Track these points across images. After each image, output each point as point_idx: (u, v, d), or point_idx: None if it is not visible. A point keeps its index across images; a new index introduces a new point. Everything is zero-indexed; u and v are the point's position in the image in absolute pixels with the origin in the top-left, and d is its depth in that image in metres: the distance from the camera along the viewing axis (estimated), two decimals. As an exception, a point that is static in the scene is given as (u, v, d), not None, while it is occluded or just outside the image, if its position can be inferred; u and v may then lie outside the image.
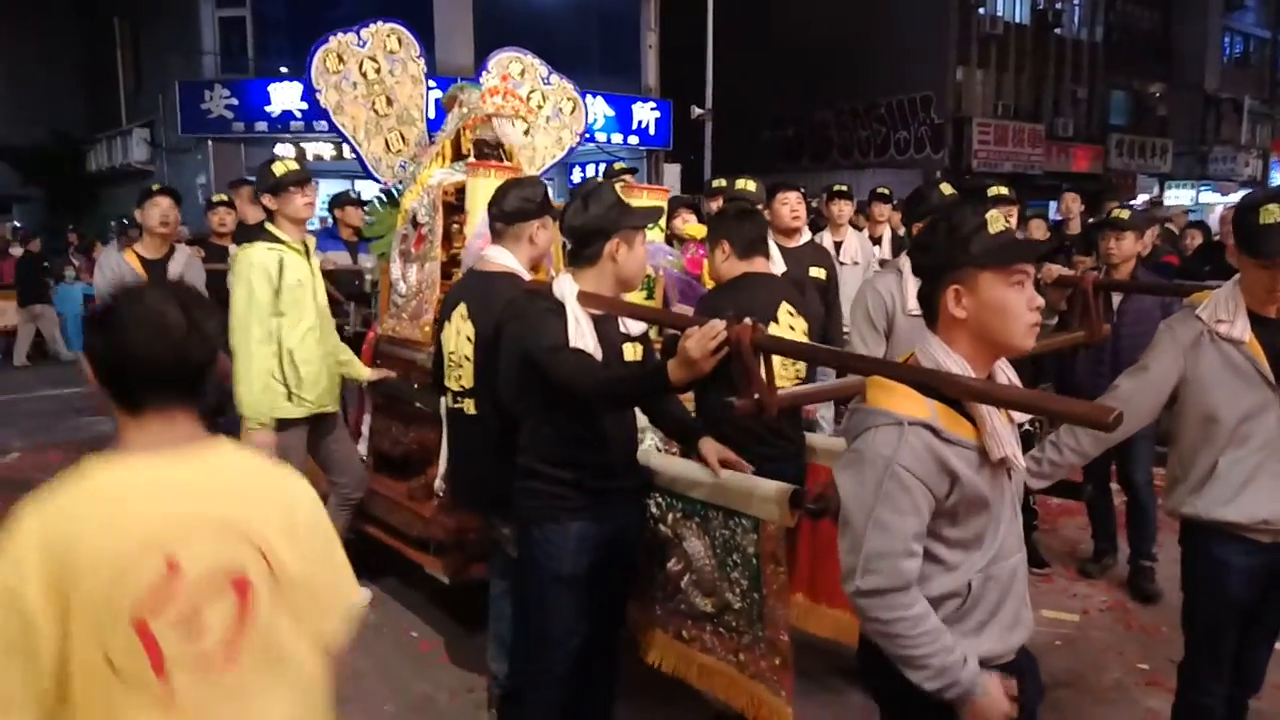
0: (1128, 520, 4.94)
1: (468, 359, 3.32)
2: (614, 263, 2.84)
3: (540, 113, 5.08)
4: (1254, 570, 2.82)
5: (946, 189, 3.86)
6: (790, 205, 5.14)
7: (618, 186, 2.93)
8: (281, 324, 4.08)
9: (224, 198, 7.12)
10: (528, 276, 3.37)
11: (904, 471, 1.87)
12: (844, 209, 6.72)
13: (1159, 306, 4.31)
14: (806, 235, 5.29)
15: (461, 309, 3.35)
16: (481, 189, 4.08)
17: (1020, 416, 2.07)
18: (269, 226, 4.17)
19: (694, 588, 3.13)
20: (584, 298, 2.82)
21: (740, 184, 4.55)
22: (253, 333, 4.02)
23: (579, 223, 2.85)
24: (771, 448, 3.31)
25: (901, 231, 7.15)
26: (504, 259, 3.35)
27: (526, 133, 4.89)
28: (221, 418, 6.92)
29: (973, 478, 1.91)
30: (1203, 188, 33.22)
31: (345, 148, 4.84)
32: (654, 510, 3.21)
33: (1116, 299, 4.58)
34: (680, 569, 3.15)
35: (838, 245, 6.55)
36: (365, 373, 4.52)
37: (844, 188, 6.95)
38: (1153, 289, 4.55)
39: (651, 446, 3.79)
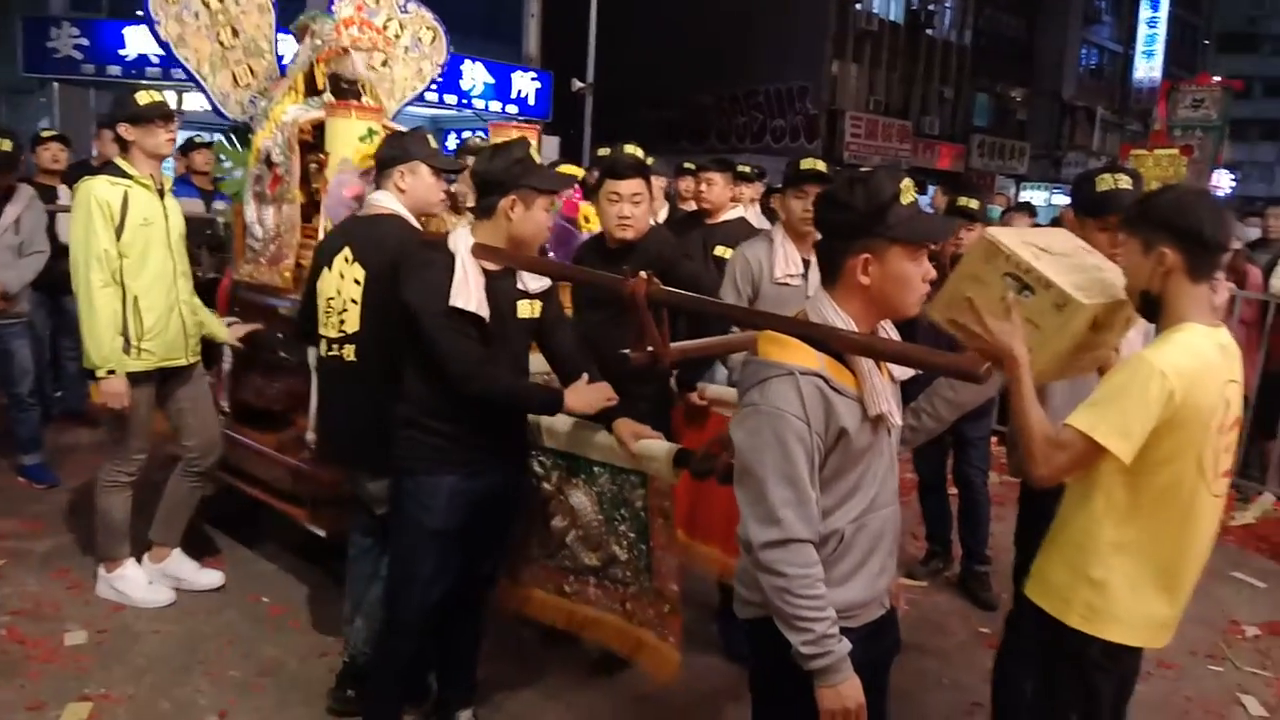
0: (961, 520, 4.90)
1: (354, 302, 3.20)
2: (508, 220, 2.79)
3: (398, 43, 4.85)
4: None
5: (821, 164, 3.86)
6: (700, 183, 5.04)
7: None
8: (124, 266, 3.83)
9: (54, 131, 6.68)
10: (415, 222, 3.31)
11: (798, 421, 1.89)
12: (744, 190, 6.73)
13: None
14: (735, 213, 5.20)
15: (345, 253, 3.23)
16: (341, 130, 3.94)
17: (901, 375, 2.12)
18: (118, 160, 3.91)
19: (580, 543, 3.13)
20: (481, 251, 2.78)
21: (629, 149, 4.51)
22: (93, 276, 3.77)
23: (480, 170, 2.84)
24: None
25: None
26: (388, 202, 3.29)
27: (385, 64, 4.69)
28: (59, 390, 6.61)
29: (856, 428, 1.96)
30: (1055, 190, 34.77)
31: (189, 97, 4.51)
32: (537, 469, 3.18)
33: None
34: (565, 525, 3.14)
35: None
36: (225, 334, 4.27)
37: (746, 169, 6.98)
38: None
39: None
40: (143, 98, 3.88)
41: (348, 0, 4.44)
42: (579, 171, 5.17)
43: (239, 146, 4.60)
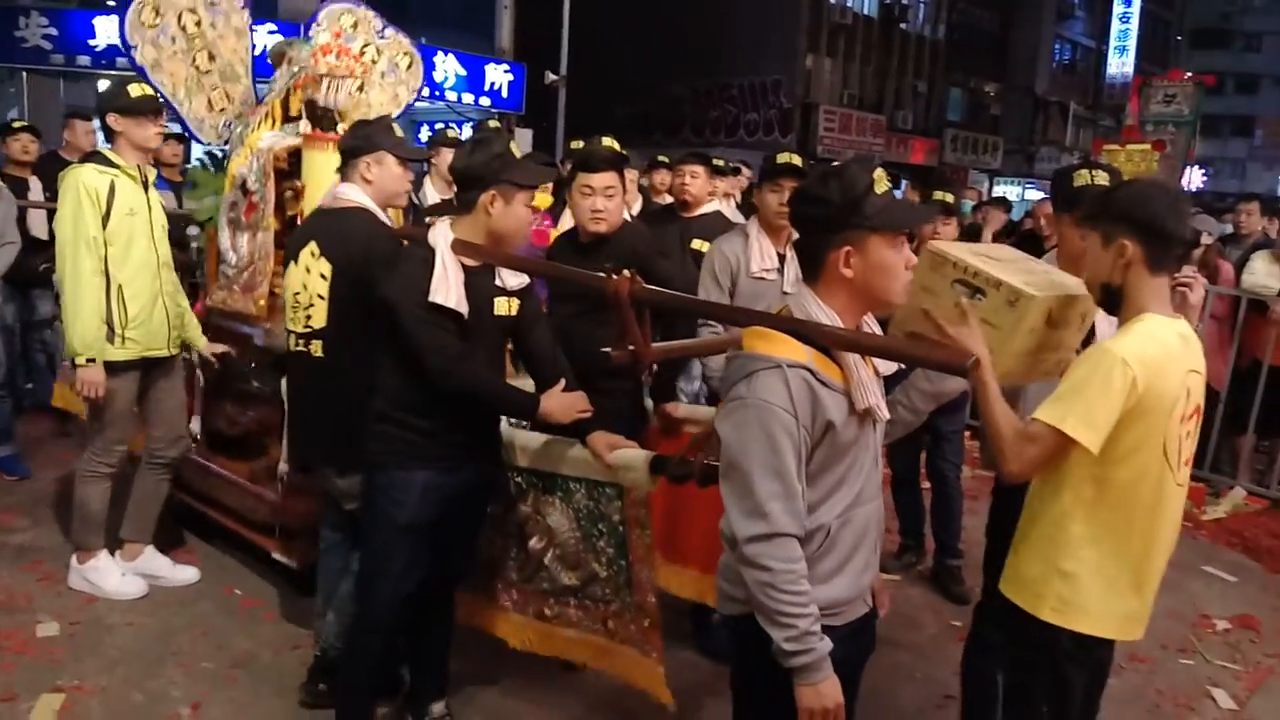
0: (933, 514, 4.92)
1: (320, 297, 3.17)
2: (487, 215, 2.77)
3: (375, 69, 4.82)
4: None
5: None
6: (683, 178, 4.97)
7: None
8: (109, 255, 3.81)
9: (24, 122, 6.60)
10: (382, 214, 3.28)
11: (785, 414, 1.88)
12: (718, 184, 6.72)
13: None
14: (711, 207, 5.10)
15: (312, 247, 3.19)
16: (318, 163, 3.93)
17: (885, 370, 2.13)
18: (104, 150, 3.92)
19: (558, 563, 3.12)
20: (461, 246, 2.76)
21: (607, 142, 4.48)
22: (82, 262, 3.75)
23: (460, 166, 2.81)
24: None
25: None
26: (354, 195, 3.25)
27: (361, 89, 4.66)
28: (30, 383, 6.54)
29: (843, 422, 1.95)
30: (1029, 185, 35.03)
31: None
32: (512, 490, 3.17)
33: None
34: (543, 546, 3.13)
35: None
36: (203, 342, 4.24)
37: (720, 162, 6.97)
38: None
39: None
40: (135, 90, 3.87)
41: (325, 27, 4.39)
42: (545, 200, 5.13)
43: (214, 171, 4.57)
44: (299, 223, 4.04)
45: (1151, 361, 2.13)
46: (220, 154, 4.62)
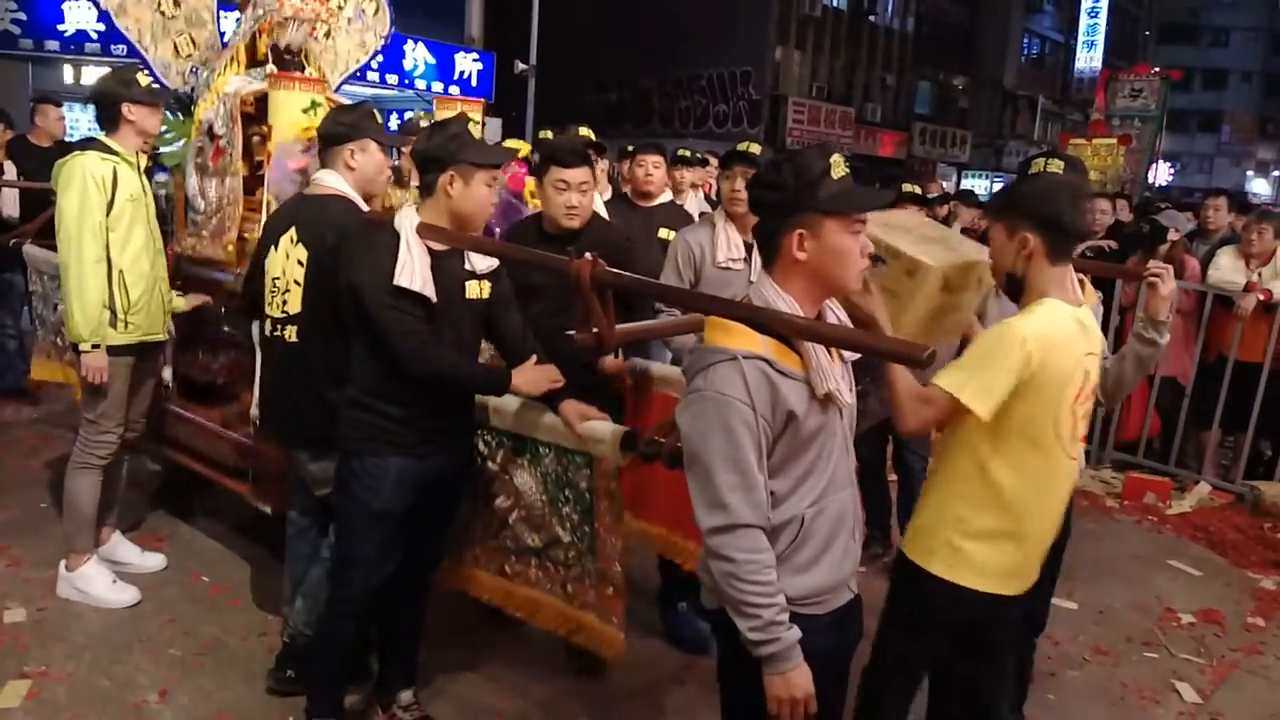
0: (899, 506, 4.86)
1: (297, 283, 3.17)
2: (447, 197, 2.77)
3: (341, 14, 4.76)
4: None
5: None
6: (646, 168, 4.91)
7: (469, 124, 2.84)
8: (111, 240, 3.80)
9: None
10: (361, 202, 3.27)
11: (743, 406, 1.89)
12: (685, 175, 6.67)
13: None
14: (666, 197, 5.08)
15: (291, 233, 3.19)
16: (284, 102, 3.88)
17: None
18: (102, 139, 3.89)
19: (522, 523, 3.12)
20: (426, 230, 2.76)
21: (583, 131, 4.42)
22: (86, 249, 3.72)
23: (419, 149, 2.83)
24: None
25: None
26: (334, 182, 3.25)
27: (327, 35, 4.63)
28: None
29: (805, 410, 1.95)
30: (996, 179, 35.25)
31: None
32: (481, 448, 3.17)
33: None
34: (508, 505, 3.13)
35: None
36: (180, 303, 4.22)
37: (686, 153, 6.92)
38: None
39: None
40: (143, 80, 3.92)
41: None
42: (524, 146, 5.10)
43: (180, 117, 4.52)
44: (264, 170, 4.05)
45: (1049, 340, 2.28)
46: (186, 99, 4.58)
